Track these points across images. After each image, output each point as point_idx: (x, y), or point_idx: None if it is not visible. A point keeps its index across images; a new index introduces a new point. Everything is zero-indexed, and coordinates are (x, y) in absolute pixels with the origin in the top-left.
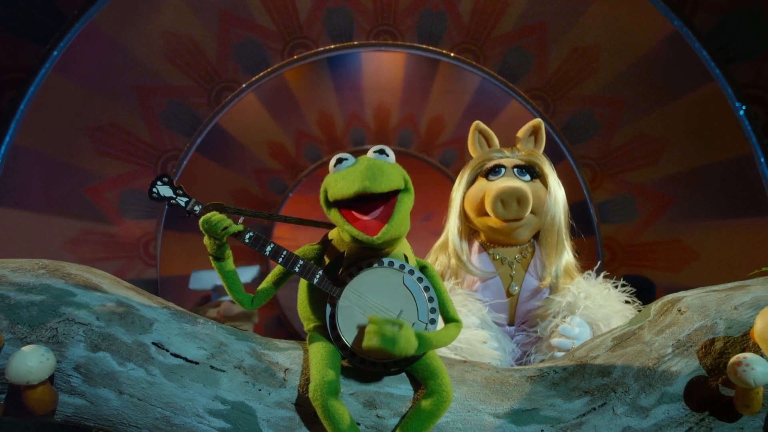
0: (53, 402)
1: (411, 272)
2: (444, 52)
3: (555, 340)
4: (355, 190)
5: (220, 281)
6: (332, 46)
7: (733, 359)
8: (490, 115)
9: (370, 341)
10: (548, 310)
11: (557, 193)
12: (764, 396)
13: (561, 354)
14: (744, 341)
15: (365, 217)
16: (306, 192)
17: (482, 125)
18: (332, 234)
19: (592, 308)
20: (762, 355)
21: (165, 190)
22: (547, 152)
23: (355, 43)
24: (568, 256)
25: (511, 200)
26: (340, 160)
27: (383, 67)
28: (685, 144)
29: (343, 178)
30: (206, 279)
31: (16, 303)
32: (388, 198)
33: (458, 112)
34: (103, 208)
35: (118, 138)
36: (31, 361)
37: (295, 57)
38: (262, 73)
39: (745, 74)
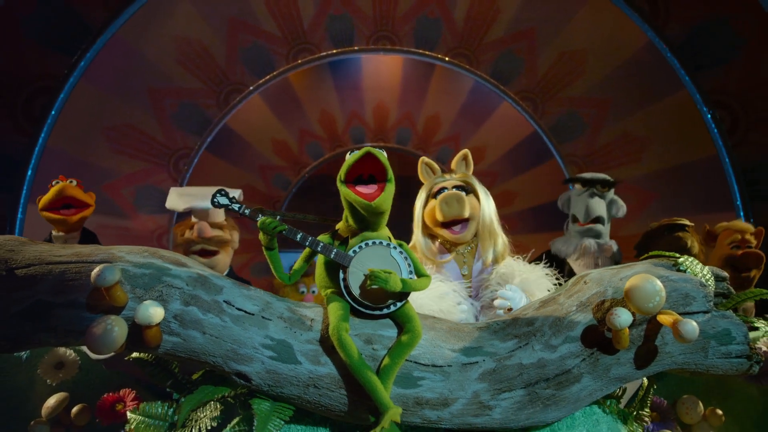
0: (161, 339)
1: (395, 248)
2: (439, 56)
3: (496, 302)
4: (362, 153)
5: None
6: (334, 51)
7: (609, 311)
8: (483, 114)
9: (372, 282)
10: (488, 281)
11: (486, 201)
12: (631, 338)
13: (501, 312)
14: (623, 302)
15: (365, 190)
16: (308, 188)
17: (427, 160)
18: (338, 225)
19: (523, 277)
20: (629, 309)
21: (223, 200)
22: (536, 151)
23: (356, 48)
24: (502, 244)
25: (452, 201)
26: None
27: (382, 68)
28: (666, 143)
29: (353, 156)
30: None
31: (133, 274)
32: (379, 183)
33: (454, 111)
34: (119, 204)
35: (133, 137)
36: (151, 310)
37: (300, 61)
38: (268, 76)
39: (712, 81)
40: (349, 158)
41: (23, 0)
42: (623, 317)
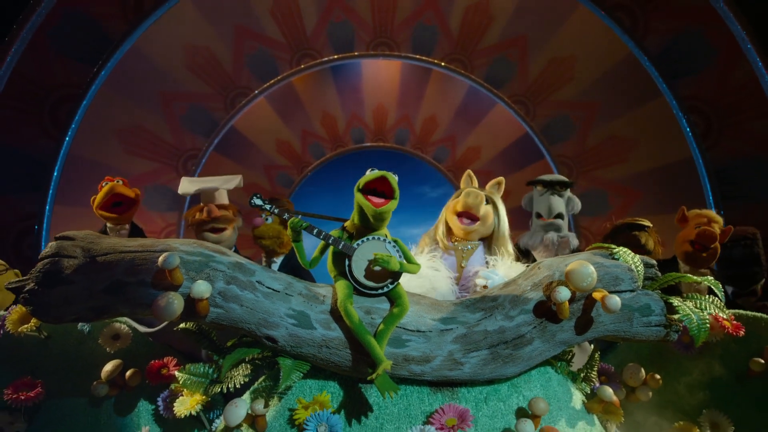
0: (208, 310)
1: (389, 242)
2: (435, 61)
3: (478, 280)
4: (378, 175)
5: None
6: (335, 56)
7: (554, 289)
8: (477, 116)
9: (376, 262)
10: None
11: (503, 217)
12: (572, 311)
13: (481, 282)
14: (565, 282)
15: (375, 199)
16: (310, 186)
17: (471, 172)
18: (347, 223)
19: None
20: (568, 287)
21: (258, 201)
22: (527, 152)
23: (356, 53)
24: (509, 258)
25: (472, 194)
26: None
27: (381, 72)
28: (651, 144)
29: (371, 174)
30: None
31: (187, 260)
32: (386, 198)
33: (450, 113)
34: None
35: (144, 139)
36: (203, 287)
37: (302, 66)
38: (272, 81)
39: (687, 88)
40: (369, 174)
41: (50, 14)
42: (563, 293)
